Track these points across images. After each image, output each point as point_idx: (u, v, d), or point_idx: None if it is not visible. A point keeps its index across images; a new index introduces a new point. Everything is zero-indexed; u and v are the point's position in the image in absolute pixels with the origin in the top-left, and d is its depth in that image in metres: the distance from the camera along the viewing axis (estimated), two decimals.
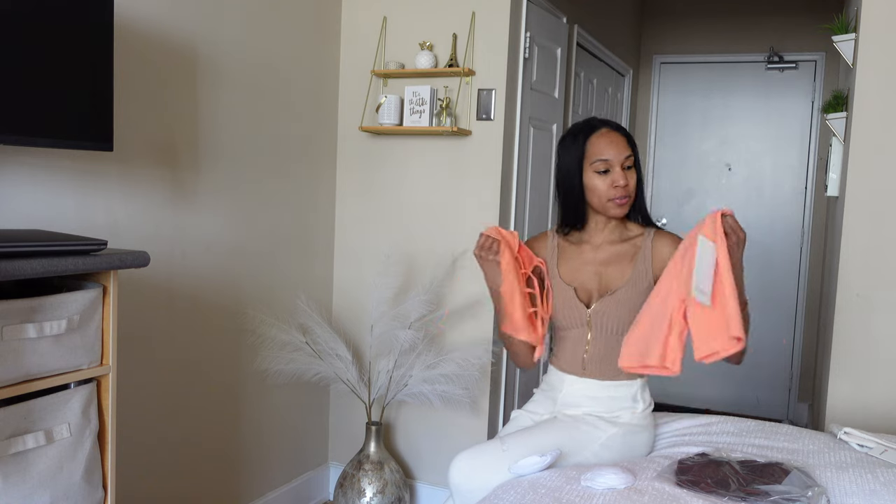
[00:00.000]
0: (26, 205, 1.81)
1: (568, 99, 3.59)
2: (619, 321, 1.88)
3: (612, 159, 1.86)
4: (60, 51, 1.59)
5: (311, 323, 2.76)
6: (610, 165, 1.86)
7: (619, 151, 1.86)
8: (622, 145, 1.87)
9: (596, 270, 1.94)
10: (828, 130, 3.39)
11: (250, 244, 2.62)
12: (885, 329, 2.39)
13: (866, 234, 2.41)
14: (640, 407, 1.92)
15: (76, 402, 1.51)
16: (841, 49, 2.54)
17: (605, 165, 1.86)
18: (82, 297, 1.50)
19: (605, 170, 1.86)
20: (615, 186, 1.85)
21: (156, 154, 2.19)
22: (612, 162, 1.86)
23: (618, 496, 1.57)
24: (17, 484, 1.40)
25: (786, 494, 1.53)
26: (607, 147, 1.86)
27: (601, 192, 1.87)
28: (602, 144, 1.87)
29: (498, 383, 2.96)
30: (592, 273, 1.94)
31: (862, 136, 2.41)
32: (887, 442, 1.87)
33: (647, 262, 1.89)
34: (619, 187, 1.85)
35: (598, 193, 1.88)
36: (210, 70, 2.38)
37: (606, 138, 1.88)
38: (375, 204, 3.03)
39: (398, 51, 2.94)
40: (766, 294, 4.68)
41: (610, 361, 1.89)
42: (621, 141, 1.88)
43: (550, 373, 2.02)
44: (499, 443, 1.84)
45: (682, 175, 4.91)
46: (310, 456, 3.06)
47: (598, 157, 1.86)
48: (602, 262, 1.94)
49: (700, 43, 4.84)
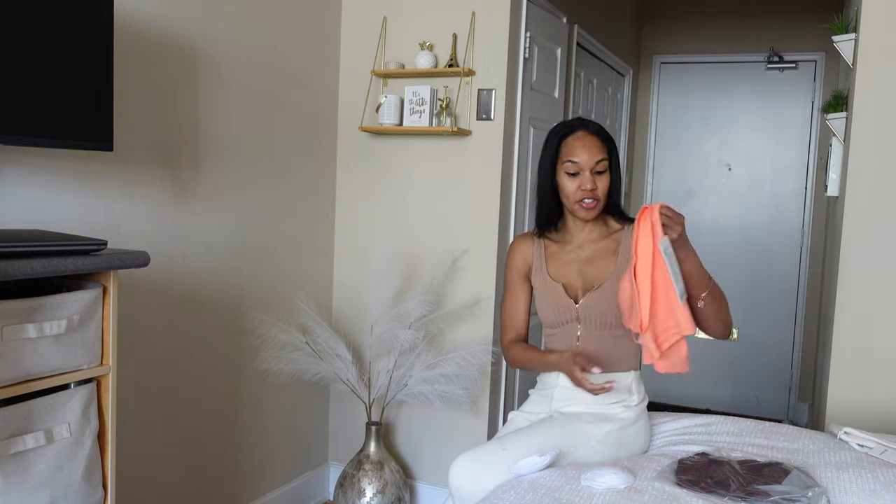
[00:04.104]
0: (26, 205, 1.81)
1: (568, 99, 3.59)
2: (606, 314, 1.91)
3: (581, 163, 1.88)
4: (61, 51, 1.59)
5: (311, 323, 2.76)
6: (579, 168, 1.89)
7: (590, 155, 1.88)
8: (595, 149, 1.89)
9: (580, 268, 1.97)
10: (828, 130, 3.39)
11: (250, 244, 2.62)
12: (885, 329, 2.39)
13: (866, 234, 2.41)
14: (635, 399, 1.94)
15: (76, 402, 1.51)
16: (841, 49, 2.54)
17: (575, 168, 1.89)
18: (82, 297, 1.50)
19: (575, 172, 1.89)
20: (582, 189, 1.88)
21: (156, 154, 2.19)
22: (582, 165, 1.89)
23: (618, 496, 1.57)
24: (17, 484, 1.40)
25: (786, 494, 1.54)
26: (579, 150, 1.89)
27: (569, 194, 1.91)
28: (574, 147, 1.90)
29: (498, 383, 2.96)
30: (577, 270, 1.97)
31: (862, 136, 2.41)
32: (887, 442, 1.87)
33: (630, 253, 1.90)
34: (585, 190, 1.88)
35: (566, 194, 1.92)
36: (210, 70, 2.38)
37: (580, 141, 1.90)
38: (375, 204, 3.03)
39: (398, 51, 2.94)
40: (766, 294, 4.68)
41: (601, 355, 1.92)
42: (595, 144, 1.90)
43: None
44: (498, 444, 1.85)
45: (682, 175, 4.91)
46: (310, 456, 3.06)
47: (569, 159, 1.90)
48: (585, 260, 1.97)
49: (700, 43, 4.84)
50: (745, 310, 4.74)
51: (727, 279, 4.70)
